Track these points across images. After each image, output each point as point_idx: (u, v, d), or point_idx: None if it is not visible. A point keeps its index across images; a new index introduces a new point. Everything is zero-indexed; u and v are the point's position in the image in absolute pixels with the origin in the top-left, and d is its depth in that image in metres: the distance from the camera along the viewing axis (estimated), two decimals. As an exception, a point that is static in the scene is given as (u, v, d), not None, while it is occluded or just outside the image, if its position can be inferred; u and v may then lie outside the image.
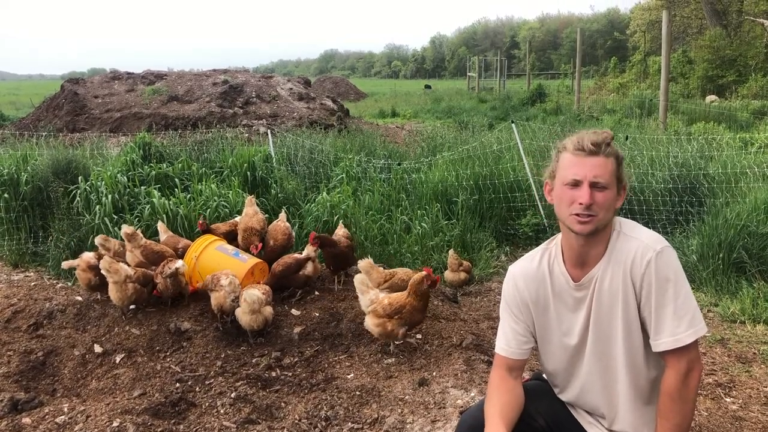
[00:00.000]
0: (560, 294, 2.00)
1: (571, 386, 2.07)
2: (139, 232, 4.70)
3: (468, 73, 39.99)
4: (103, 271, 4.04)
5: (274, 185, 6.71)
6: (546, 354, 2.10)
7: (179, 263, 4.14)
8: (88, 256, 4.45)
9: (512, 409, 1.98)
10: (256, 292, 3.77)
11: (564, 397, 2.11)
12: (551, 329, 2.04)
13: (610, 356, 1.93)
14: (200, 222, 4.93)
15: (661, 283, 1.80)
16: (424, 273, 3.65)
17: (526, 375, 3.24)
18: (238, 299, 3.87)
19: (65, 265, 4.60)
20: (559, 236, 2.04)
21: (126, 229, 4.61)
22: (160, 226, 5.09)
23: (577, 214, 1.84)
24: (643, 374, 1.91)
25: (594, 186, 1.83)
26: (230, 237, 4.96)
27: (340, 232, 5.00)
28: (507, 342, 2.08)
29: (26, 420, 3.01)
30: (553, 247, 2.05)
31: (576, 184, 1.85)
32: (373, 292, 3.73)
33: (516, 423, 1.98)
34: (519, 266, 2.11)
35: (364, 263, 4.17)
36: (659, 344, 1.82)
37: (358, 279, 3.78)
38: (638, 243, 1.85)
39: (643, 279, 1.82)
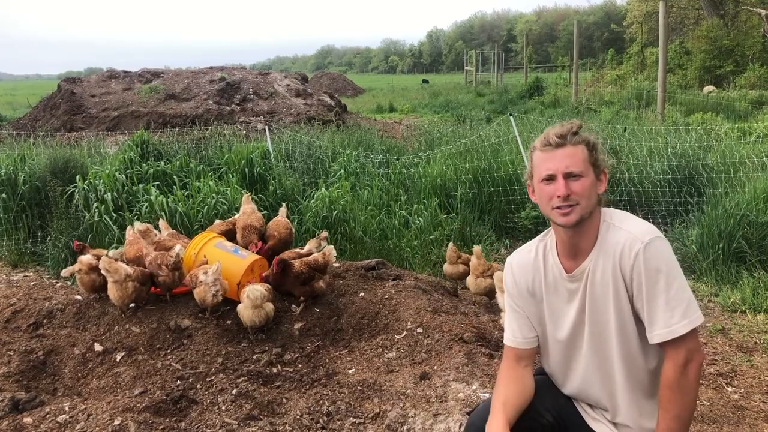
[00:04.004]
0: (554, 285, 2.00)
1: (570, 381, 2.06)
2: (152, 228, 4.67)
3: (465, 67, 39.92)
4: (102, 271, 4.02)
5: (273, 181, 6.70)
6: (543, 348, 2.10)
7: (177, 248, 4.12)
8: (87, 258, 4.33)
9: (518, 396, 1.98)
10: (259, 288, 3.78)
11: (565, 391, 2.10)
12: (546, 321, 2.04)
13: (605, 349, 1.93)
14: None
15: (651, 275, 1.78)
16: None
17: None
18: (219, 292, 3.90)
19: (65, 272, 4.52)
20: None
21: (139, 226, 4.58)
22: (162, 223, 5.07)
23: (558, 207, 1.84)
24: (640, 366, 1.90)
25: (568, 176, 1.84)
26: (229, 236, 4.93)
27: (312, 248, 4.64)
28: (512, 332, 2.10)
29: (27, 419, 3.00)
30: (548, 239, 2.06)
31: (550, 178, 1.87)
32: None
33: (523, 414, 1.97)
34: (516, 257, 2.14)
35: (477, 249, 4.50)
36: (654, 336, 1.81)
37: (498, 276, 3.82)
38: (627, 235, 1.84)
39: (632, 271, 1.81)
